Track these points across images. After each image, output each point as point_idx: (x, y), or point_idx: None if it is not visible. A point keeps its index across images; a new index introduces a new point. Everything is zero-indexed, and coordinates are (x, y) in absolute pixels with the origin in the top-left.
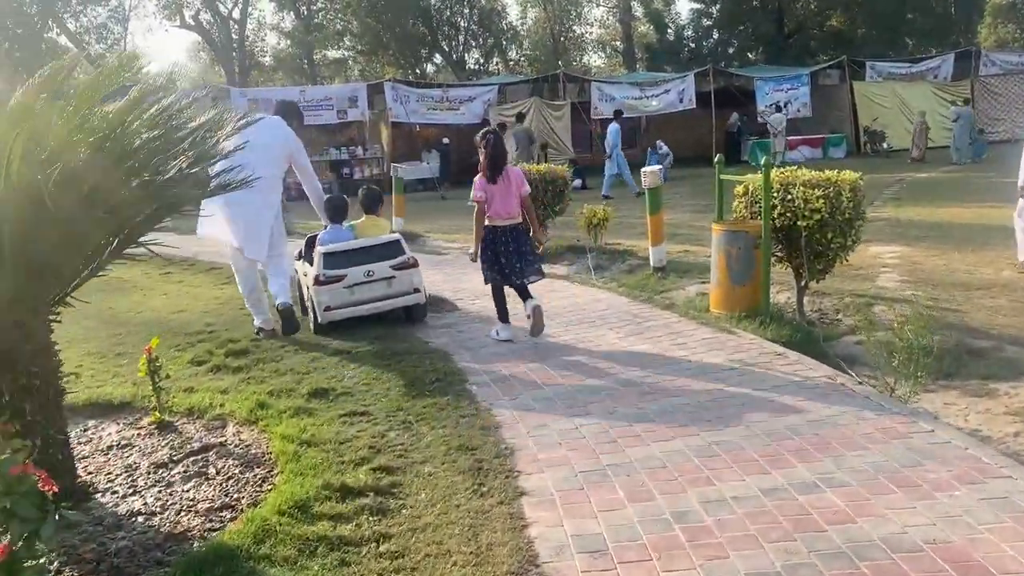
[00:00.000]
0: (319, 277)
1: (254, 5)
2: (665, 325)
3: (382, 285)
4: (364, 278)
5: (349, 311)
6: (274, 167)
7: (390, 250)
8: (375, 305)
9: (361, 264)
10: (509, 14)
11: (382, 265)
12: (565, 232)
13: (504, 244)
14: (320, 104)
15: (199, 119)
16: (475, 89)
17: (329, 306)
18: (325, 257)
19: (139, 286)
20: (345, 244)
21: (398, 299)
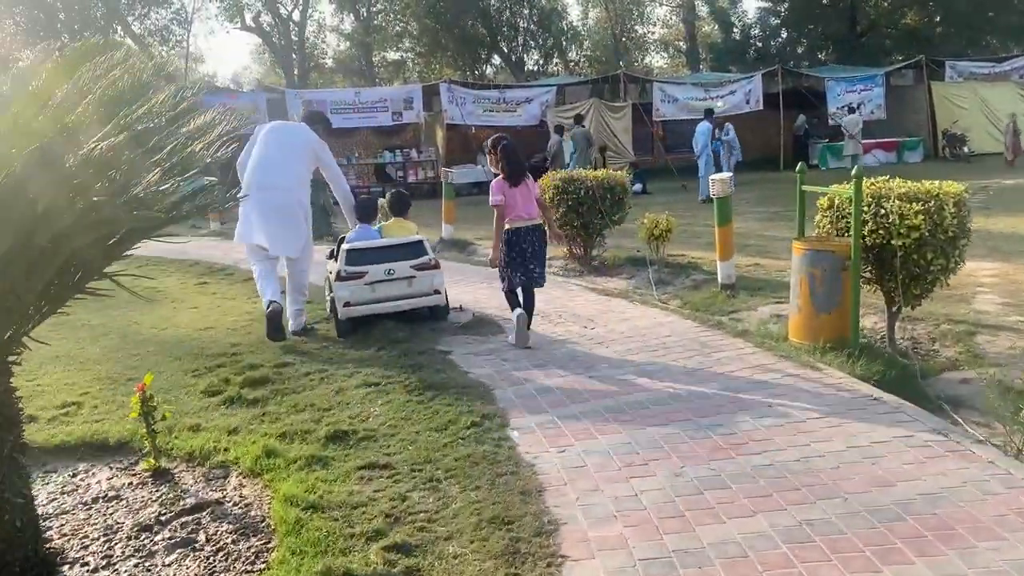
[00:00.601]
0: (341, 272)
1: (314, 7)
2: (738, 357)
3: (402, 284)
4: (385, 276)
5: (368, 308)
6: (300, 167)
7: (412, 250)
8: (395, 304)
9: (383, 262)
10: (569, 14)
11: (403, 264)
12: (624, 241)
13: (529, 244)
14: (375, 106)
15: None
16: (533, 90)
17: (349, 302)
18: (348, 253)
19: (172, 297)
20: (368, 242)
21: (418, 299)
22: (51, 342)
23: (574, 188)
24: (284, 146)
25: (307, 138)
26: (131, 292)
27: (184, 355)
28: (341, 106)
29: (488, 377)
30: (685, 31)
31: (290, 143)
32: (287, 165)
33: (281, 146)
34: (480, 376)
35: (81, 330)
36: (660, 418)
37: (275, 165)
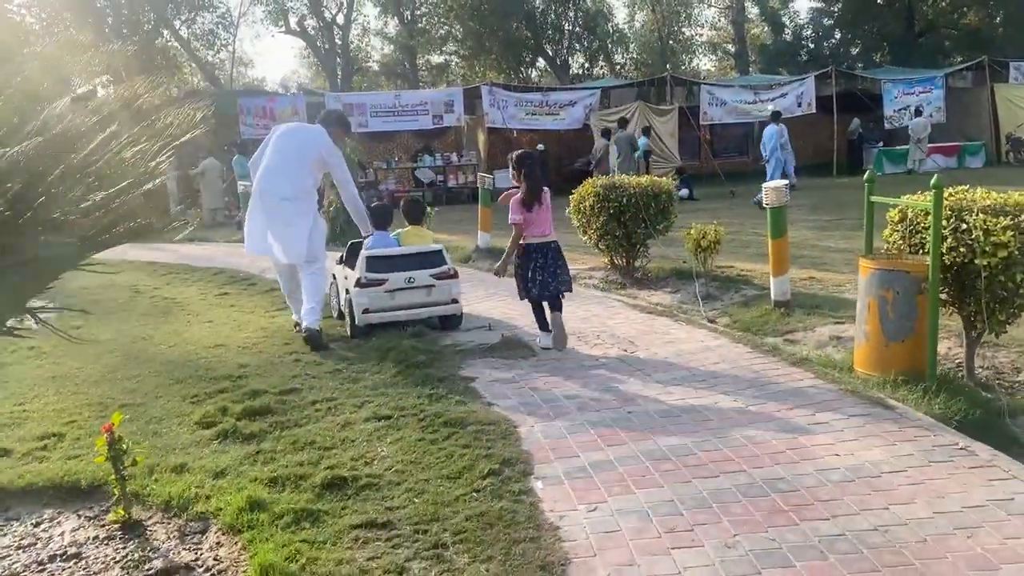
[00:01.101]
0: (361, 279)
1: (358, 10)
2: (797, 391)
3: (421, 293)
4: (405, 284)
5: (387, 315)
6: (304, 174)
7: (432, 259)
8: (413, 312)
9: (403, 270)
10: (615, 16)
11: (423, 273)
12: (669, 250)
13: (540, 259)
14: (415, 109)
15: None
16: (577, 93)
17: (368, 308)
18: (369, 260)
19: (189, 309)
20: (389, 249)
21: (436, 308)
22: (54, 359)
23: (616, 196)
24: (290, 153)
25: (317, 144)
26: (61, 334)
27: (187, 377)
28: (381, 109)
29: (513, 410)
30: (734, 33)
31: (298, 150)
32: (290, 173)
33: (287, 153)
34: (505, 409)
35: (87, 346)
36: (708, 468)
37: (278, 172)
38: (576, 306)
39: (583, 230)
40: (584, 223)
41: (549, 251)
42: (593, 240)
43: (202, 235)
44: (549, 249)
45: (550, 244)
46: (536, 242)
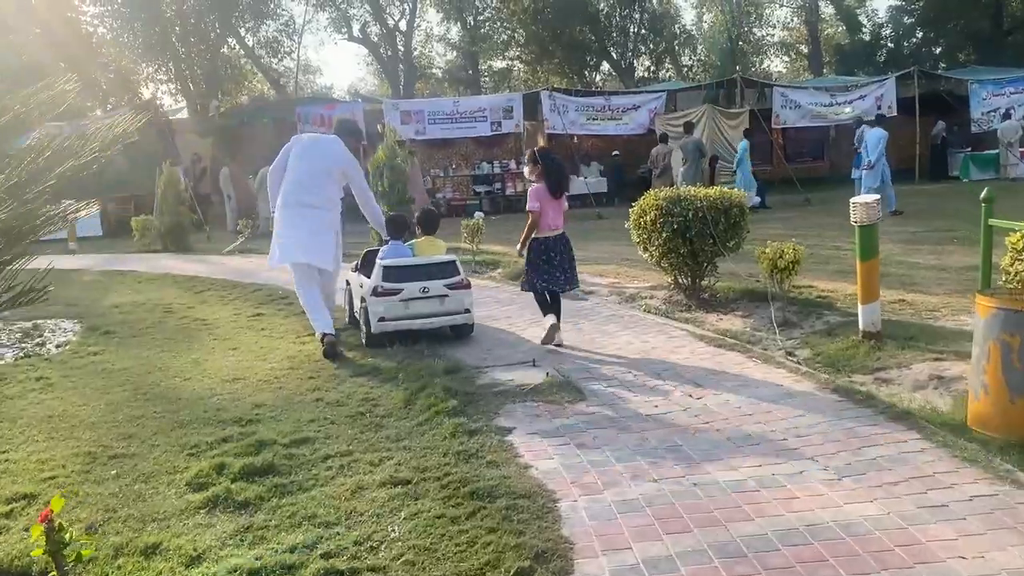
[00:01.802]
0: (377, 288)
1: (421, 16)
2: (900, 459)
3: (435, 302)
4: (419, 294)
5: (401, 324)
6: (330, 187)
7: (446, 270)
8: (427, 320)
9: (418, 280)
10: (683, 17)
11: (437, 283)
12: (740, 265)
13: (555, 253)
14: (474, 115)
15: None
16: (640, 96)
17: (383, 317)
18: (385, 270)
19: (218, 333)
20: (405, 260)
21: (449, 317)
22: (59, 392)
23: (681, 210)
24: (315, 167)
25: (337, 157)
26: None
27: (193, 420)
28: (439, 116)
29: (554, 475)
30: (807, 33)
31: (321, 164)
32: (316, 184)
33: (312, 167)
34: (544, 473)
35: (99, 376)
36: (797, 574)
37: (304, 184)
38: (634, 335)
39: (643, 246)
40: (645, 239)
41: (560, 245)
42: (655, 258)
43: (255, 246)
44: (561, 243)
45: (561, 236)
46: (550, 235)
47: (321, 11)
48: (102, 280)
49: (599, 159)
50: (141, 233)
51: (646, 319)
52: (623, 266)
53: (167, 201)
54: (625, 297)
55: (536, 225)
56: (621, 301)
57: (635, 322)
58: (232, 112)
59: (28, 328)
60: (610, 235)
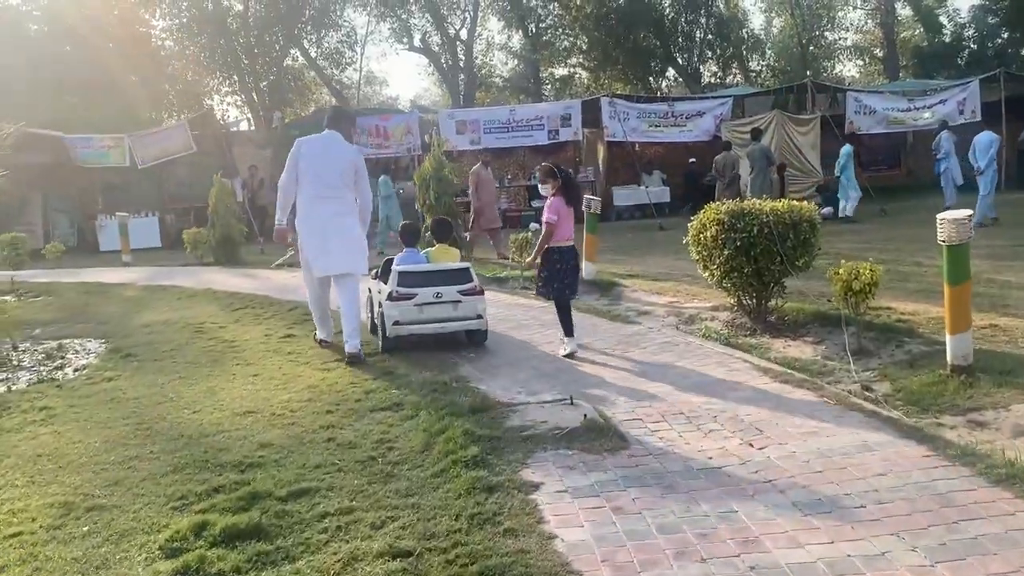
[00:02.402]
0: (392, 293)
1: (483, 25)
2: (1008, 537)
3: (448, 307)
4: (433, 299)
5: (416, 328)
6: (348, 189)
7: (459, 276)
8: (440, 325)
9: (432, 286)
10: (751, 21)
11: (450, 289)
12: (810, 282)
13: (566, 262)
14: (531, 124)
15: None
16: (705, 102)
17: (398, 321)
18: (400, 276)
19: (243, 356)
20: (420, 266)
21: (462, 322)
22: (59, 425)
23: (745, 225)
24: (334, 166)
25: (350, 152)
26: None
27: (189, 464)
28: (495, 125)
29: (583, 551)
30: (882, 36)
31: (338, 164)
32: (342, 185)
33: (332, 167)
34: (570, 548)
35: (105, 407)
36: None
37: (332, 186)
38: (690, 366)
39: (704, 265)
40: (705, 256)
41: (570, 254)
42: (716, 277)
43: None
44: (570, 253)
45: (572, 248)
46: (563, 245)
47: (383, 21)
48: (142, 296)
49: (662, 167)
50: (193, 246)
51: (704, 347)
52: (684, 283)
53: (218, 213)
54: (684, 319)
55: (551, 236)
56: (679, 323)
57: (692, 351)
58: (295, 124)
59: (53, 349)
60: (672, 248)
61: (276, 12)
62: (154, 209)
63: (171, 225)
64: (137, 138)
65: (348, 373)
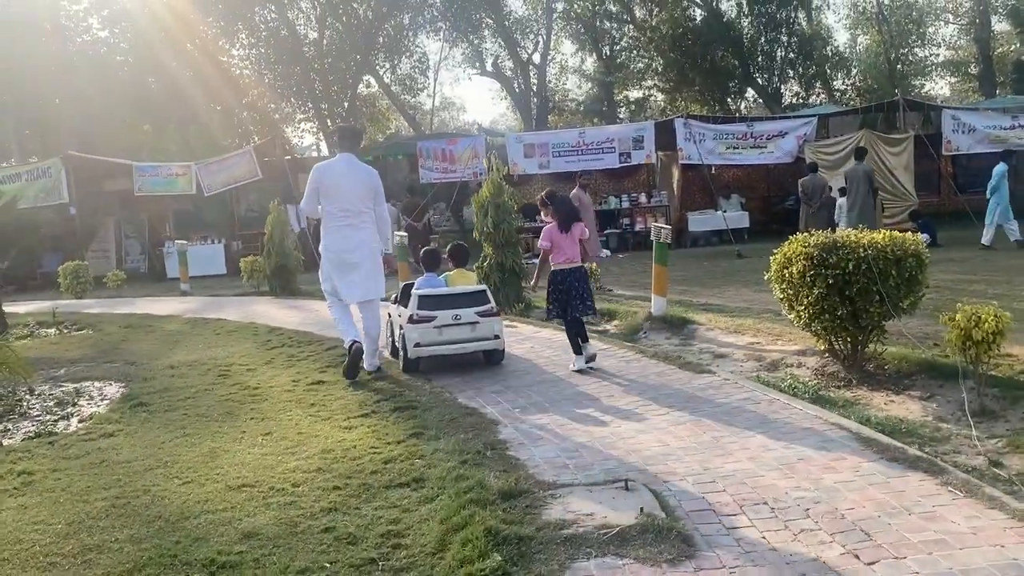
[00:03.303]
0: (413, 316)
1: (556, 48)
2: None
3: (467, 329)
4: (452, 321)
5: (436, 349)
6: (370, 213)
7: (477, 299)
8: (459, 346)
9: (450, 308)
10: (835, 39)
11: (468, 311)
12: (913, 322)
13: (570, 284)
14: (601, 147)
15: None
16: (787, 122)
17: (419, 343)
18: (420, 299)
19: (261, 408)
20: (438, 289)
21: (479, 343)
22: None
23: (838, 260)
24: (356, 191)
25: (371, 174)
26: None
27: (154, 558)
28: (564, 148)
29: None
30: (977, 51)
31: (361, 187)
32: (365, 209)
33: (355, 191)
34: None
35: (90, 473)
36: None
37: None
38: (773, 436)
39: (789, 304)
40: (790, 295)
41: (575, 276)
42: (803, 319)
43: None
44: (576, 275)
45: (576, 270)
46: (565, 267)
47: (455, 47)
48: (183, 330)
49: (740, 191)
50: (249, 274)
51: (791, 406)
52: (765, 320)
53: (274, 241)
54: (765, 364)
55: (547, 260)
56: (760, 369)
57: (776, 410)
58: (368, 149)
59: (69, 393)
60: (752, 278)
61: (351, 40)
62: (224, 236)
63: (237, 252)
64: (204, 166)
65: (371, 434)
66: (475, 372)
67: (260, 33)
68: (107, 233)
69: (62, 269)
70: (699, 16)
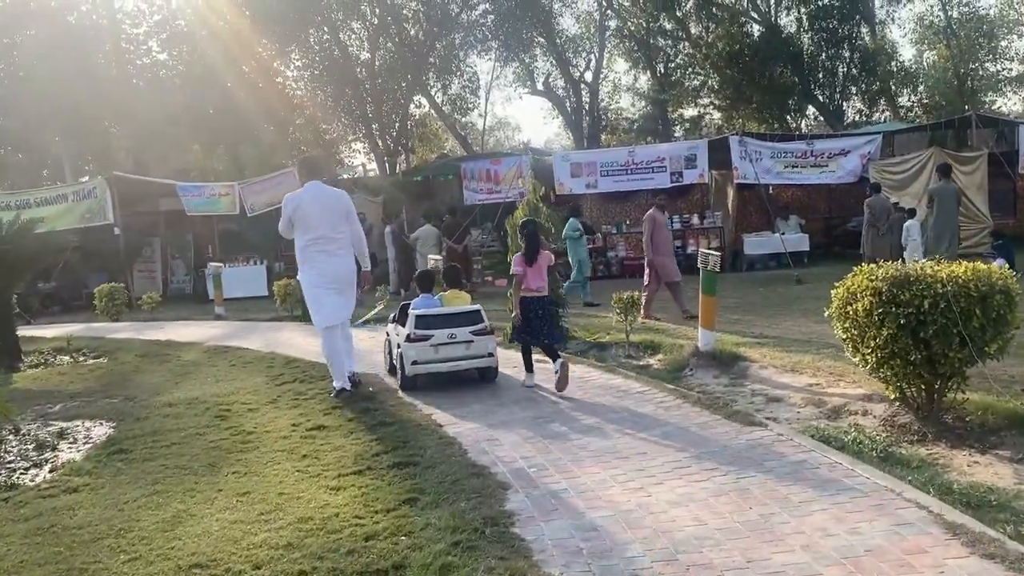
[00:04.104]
0: (410, 335)
1: (608, 67)
2: None
3: (462, 347)
4: (447, 339)
5: (432, 367)
6: (347, 237)
7: (471, 318)
8: (454, 364)
9: (446, 327)
10: (901, 54)
11: (463, 330)
12: (999, 366)
13: (534, 312)
14: (651, 166)
15: None
16: (850, 140)
17: (416, 360)
18: (417, 319)
19: (246, 460)
20: (435, 309)
21: (474, 360)
22: None
23: (911, 296)
24: (332, 217)
25: (341, 197)
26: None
27: None
28: (613, 167)
29: None
30: None
31: (334, 213)
32: (340, 235)
33: (331, 217)
34: None
35: (32, 540)
36: None
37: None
38: (835, 515)
39: (853, 346)
40: (855, 336)
41: (541, 305)
42: (870, 364)
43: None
44: (543, 303)
45: (543, 299)
46: (532, 296)
47: (507, 66)
48: (199, 360)
49: (800, 212)
50: (282, 298)
51: (856, 474)
52: (826, 356)
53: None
54: (825, 411)
55: (519, 287)
56: (819, 416)
57: (838, 479)
58: (418, 169)
59: (52, 435)
60: (813, 306)
61: (402, 60)
62: (268, 257)
63: (279, 274)
64: (247, 185)
65: (359, 499)
66: (494, 416)
67: (314, 55)
68: (154, 253)
69: (97, 291)
70: (756, 32)
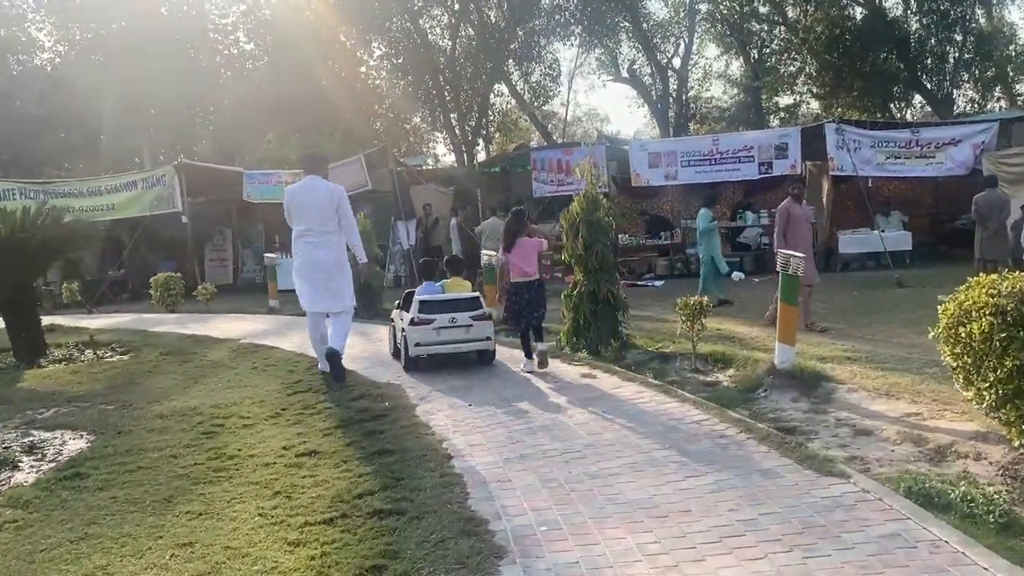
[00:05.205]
0: (414, 319)
1: (699, 53)
2: None
3: (462, 331)
4: (448, 323)
5: (434, 349)
6: (336, 229)
7: (471, 304)
8: (455, 346)
9: (447, 312)
10: (1021, 37)
11: (464, 315)
12: None
13: (521, 295)
14: (738, 155)
15: None
16: (962, 128)
17: (419, 342)
18: (420, 304)
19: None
20: (437, 295)
21: (473, 343)
22: None
23: None
24: (322, 211)
25: (332, 190)
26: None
27: None
28: (695, 157)
29: None
30: None
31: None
32: (329, 227)
33: (320, 211)
34: None
35: None
36: None
37: (317, 231)
38: None
39: (965, 377)
40: (967, 366)
41: (530, 289)
42: (988, 400)
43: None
44: (530, 287)
45: (531, 283)
46: (519, 281)
47: (590, 52)
48: (222, 361)
49: (903, 207)
50: None
51: (965, 560)
52: (929, 378)
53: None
54: (926, 451)
55: (504, 274)
56: (919, 458)
57: (942, 569)
58: (496, 160)
59: (22, 449)
60: (914, 315)
61: (482, 46)
62: None
63: None
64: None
65: (315, 561)
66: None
67: (396, 44)
68: (225, 242)
69: (153, 281)
70: (859, 15)
